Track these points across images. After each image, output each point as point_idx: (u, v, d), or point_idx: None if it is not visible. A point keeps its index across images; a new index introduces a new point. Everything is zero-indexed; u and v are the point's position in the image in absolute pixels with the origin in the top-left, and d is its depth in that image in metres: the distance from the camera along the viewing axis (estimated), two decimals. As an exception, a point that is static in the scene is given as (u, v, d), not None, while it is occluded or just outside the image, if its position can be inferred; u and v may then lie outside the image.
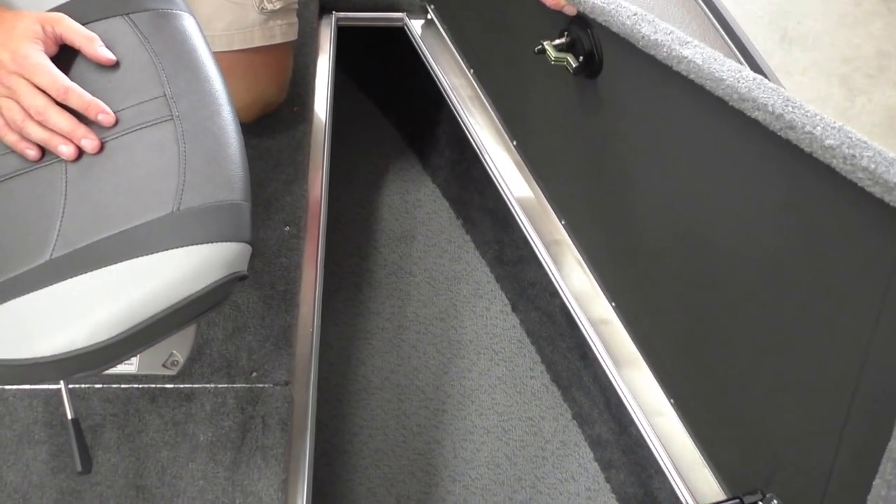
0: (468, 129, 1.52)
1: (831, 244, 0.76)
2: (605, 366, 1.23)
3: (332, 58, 1.62)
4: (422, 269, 1.70)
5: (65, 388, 0.90)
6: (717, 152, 0.89)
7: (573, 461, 1.45)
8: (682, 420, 1.13)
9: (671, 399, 1.15)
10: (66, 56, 0.89)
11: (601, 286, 1.28)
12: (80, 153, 0.85)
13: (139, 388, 1.13)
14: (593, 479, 1.43)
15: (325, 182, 1.44)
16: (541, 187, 1.40)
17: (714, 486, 1.08)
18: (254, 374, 1.15)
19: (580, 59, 1.06)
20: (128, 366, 1.14)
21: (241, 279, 0.83)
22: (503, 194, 1.43)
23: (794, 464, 0.90)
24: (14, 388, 1.12)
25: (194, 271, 0.78)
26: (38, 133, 0.85)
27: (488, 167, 1.47)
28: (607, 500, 1.40)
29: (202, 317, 0.84)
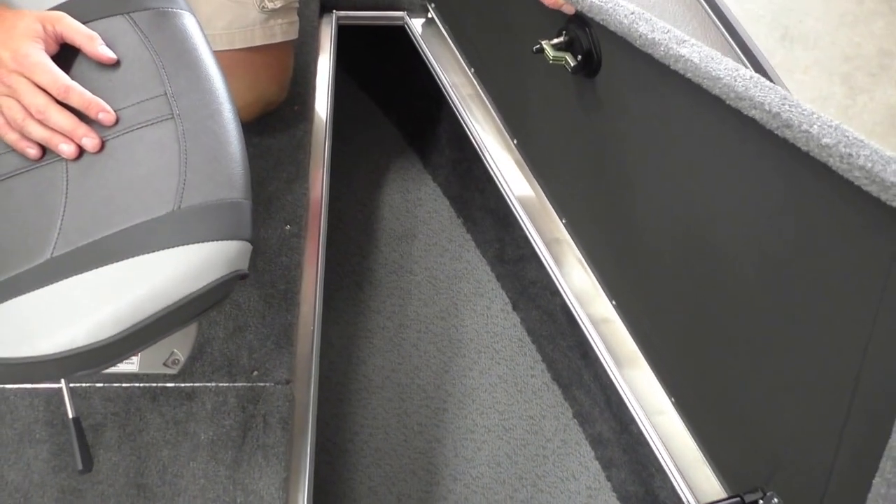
0: (469, 127, 1.52)
1: (829, 243, 0.76)
2: (605, 364, 1.23)
3: (332, 57, 1.62)
4: (423, 267, 1.70)
5: (66, 387, 0.90)
6: (715, 151, 0.89)
7: (574, 460, 1.45)
8: (683, 418, 1.13)
9: (672, 398, 1.15)
10: (67, 55, 0.89)
11: (602, 285, 1.28)
12: (81, 152, 0.85)
13: (140, 386, 1.13)
14: (594, 477, 1.43)
15: (325, 181, 1.44)
16: (541, 186, 1.40)
17: (715, 484, 1.08)
18: (255, 373, 1.15)
19: (578, 58, 1.06)
20: (129, 365, 1.14)
21: (241, 278, 0.83)
22: (504, 193, 1.44)
23: (795, 462, 0.90)
24: (15, 386, 1.12)
25: (195, 269, 0.79)
26: (39, 132, 0.85)
27: (489, 166, 1.47)
28: (608, 498, 1.40)
29: (203, 315, 0.85)
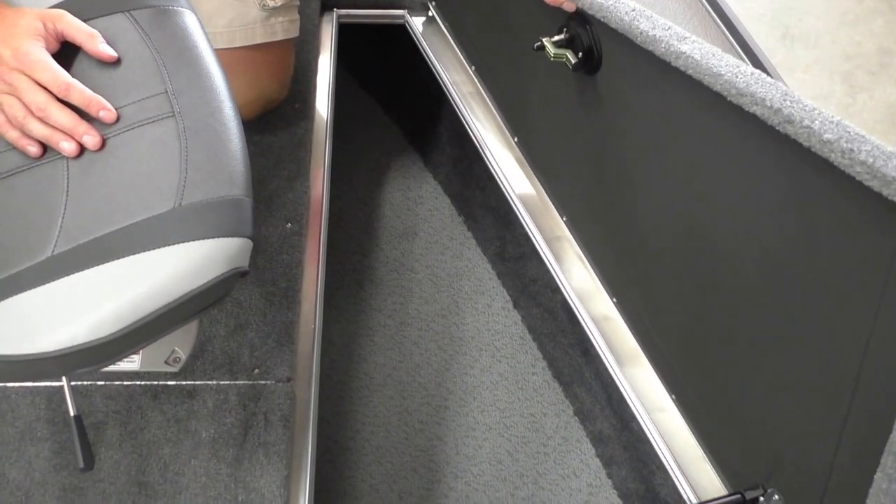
0: (469, 125, 1.52)
1: (830, 239, 0.76)
2: (606, 362, 1.23)
3: (333, 55, 1.62)
4: (423, 265, 1.70)
5: (67, 385, 0.90)
6: (717, 147, 0.89)
7: (575, 457, 1.45)
8: (684, 416, 1.13)
9: (672, 395, 1.15)
10: (68, 53, 0.90)
11: (602, 282, 1.28)
12: (82, 150, 0.85)
13: (141, 384, 1.13)
14: (595, 475, 1.43)
15: (326, 179, 1.44)
16: (542, 184, 1.40)
17: (715, 481, 1.08)
18: (256, 371, 1.15)
19: (579, 55, 1.06)
20: (130, 363, 1.14)
21: (242, 275, 0.83)
22: (504, 191, 1.44)
23: (796, 459, 0.90)
24: (16, 385, 1.12)
25: (196, 267, 0.79)
26: (40, 130, 0.85)
27: (489, 164, 1.47)
28: (609, 496, 1.40)
29: (204, 313, 0.85)
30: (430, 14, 1.69)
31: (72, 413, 0.89)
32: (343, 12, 1.70)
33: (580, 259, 1.32)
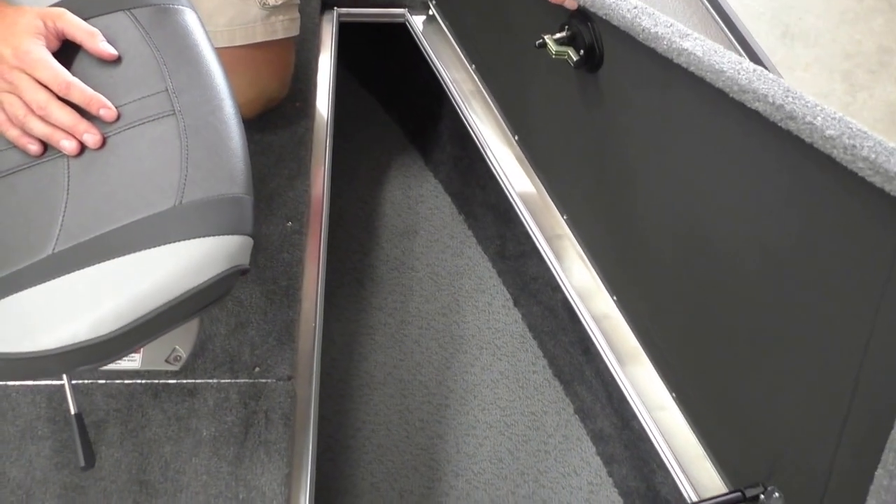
0: (470, 124, 1.52)
1: (831, 235, 0.76)
2: (607, 360, 1.23)
3: (333, 54, 1.62)
4: (424, 264, 1.70)
5: (68, 383, 0.90)
6: (718, 144, 0.89)
7: (575, 455, 1.45)
8: (684, 414, 1.13)
9: (673, 393, 1.15)
10: (68, 51, 0.89)
11: (603, 281, 1.28)
12: (83, 148, 0.85)
13: (142, 383, 1.13)
14: (596, 473, 1.43)
15: (327, 178, 1.44)
16: (542, 182, 1.40)
17: (716, 479, 1.08)
18: (256, 370, 1.15)
19: (581, 52, 1.06)
20: (131, 361, 1.14)
21: (242, 273, 0.83)
22: (505, 189, 1.44)
23: (796, 456, 0.90)
24: (17, 383, 1.12)
25: (196, 264, 0.79)
26: (40, 128, 0.85)
27: (490, 162, 1.47)
28: (609, 494, 1.40)
29: (205, 311, 0.85)
30: (430, 13, 1.69)
31: (72, 411, 0.89)
32: (343, 11, 1.70)
33: (580, 257, 1.32)
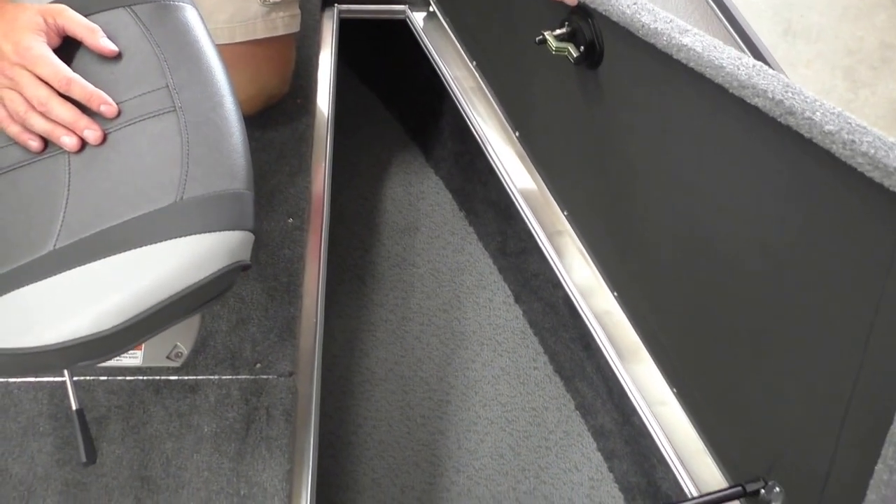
0: (471, 120, 1.52)
1: (831, 230, 0.76)
2: (607, 356, 1.23)
3: (334, 50, 1.62)
4: (425, 260, 1.70)
5: (69, 379, 0.90)
6: (718, 140, 0.89)
7: (576, 451, 1.45)
8: (685, 409, 1.13)
9: (673, 389, 1.15)
10: (69, 48, 0.90)
11: (604, 277, 1.28)
12: (83, 144, 0.85)
13: (144, 379, 1.13)
14: (596, 468, 1.43)
15: (328, 174, 1.44)
16: (543, 178, 1.40)
17: (716, 474, 1.08)
18: (258, 366, 1.16)
19: (581, 48, 1.06)
20: (132, 358, 1.14)
21: (243, 268, 0.84)
22: (506, 186, 1.44)
23: (796, 451, 0.90)
24: (19, 380, 1.12)
25: (197, 260, 0.79)
26: (41, 124, 0.85)
27: (491, 159, 1.47)
28: (610, 489, 1.41)
29: (206, 307, 0.85)
30: (430, 9, 1.69)
31: (74, 407, 0.89)
32: (344, 8, 1.70)
33: (581, 254, 1.32)
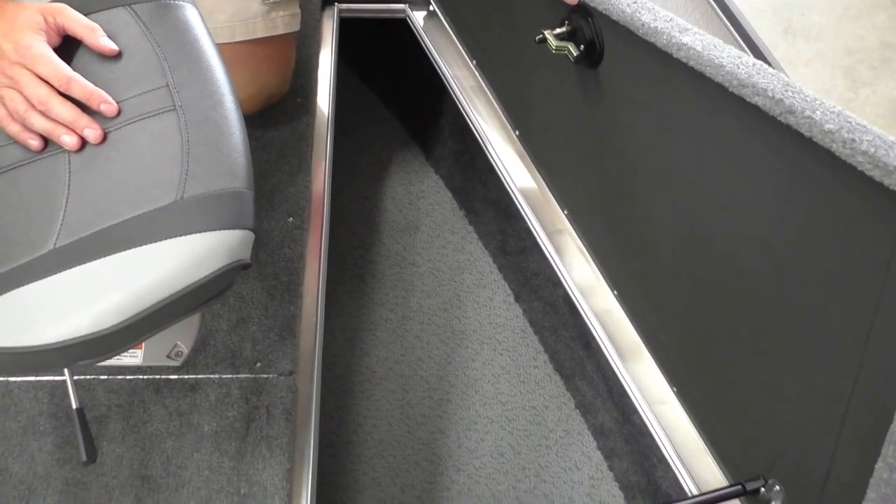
0: (471, 119, 1.52)
1: (831, 229, 0.76)
2: (607, 355, 1.23)
3: (334, 50, 1.62)
4: (425, 259, 1.70)
5: (69, 378, 0.90)
6: (718, 138, 0.89)
7: (577, 450, 1.45)
8: (685, 408, 1.13)
9: (674, 387, 1.15)
10: (69, 47, 0.90)
11: (604, 276, 1.28)
12: (83, 143, 0.85)
13: (144, 378, 1.13)
14: (596, 467, 1.43)
15: (328, 173, 1.44)
16: (543, 177, 1.40)
17: (717, 473, 1.08)
18: (258, 365, 1.16)
19: (581, 47, 1.06)
20: (132, 357, 1.14)
21: (244, 267, 0.84)
22: (506, 185, 1.44)
23: (796, 449, 0.90)
24: (19, 379, 1.12)
25: (198, 259, 0.79)
26: (41, 123, 0.85)
27: (491, 158, 1.47)
28: (610, 488, 1.41)
29: (206, 306, 0.85)
30: (431, 8, 1.69)
31: (74, 406, 0.89)
32: (344, 7, 1.70)
33: (581, 252, 1.32)
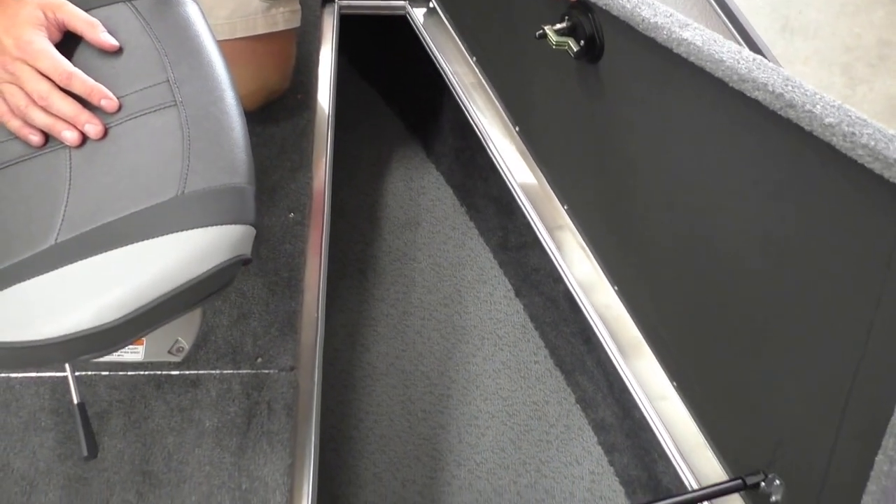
0: (471, 116, 1.52)
1: (832, 222, 0.76)
2: (608, 350, 1.23)
3: (334, 46, 1.62)
4: (426, 255, 1.70)
5: (71, 373, 0.90)
6: (718, 134, 0.89)
7: (577, 445, 1.46)
8: (685, 403, 1.13)
9: (674, 382, 1.15)
10: (69, 43, 0.90)
11: (604, 271, 1.28)
12: (84, 139, 0.85)
13: (145, 374, 1.14)
14: (597, 462, 1.43)
15: (329, 169, 1.44)
16: (544, 173, 1.40)
17: (717, 467, 1.08)
18: (259, 360, 1.16)
19: (581, 43, 1.06)
20: (134, 353, 1.15)
21: (245, 263, 0.83)
22: (506, 181, 1.44)
23: (797, 443, 0.90)
24: (20, 375, 1.12)
25: (199, 254, 0.79)
26: (42, 118, 0.85)
27: (491, 154, 1.47)
28: (611, 483, 1.41)
29: (207, 301, 0.85)
30: (430, 5, 1.69)
31: (75, 401, 0.89)
32: (344, 3, 1.70)
33: (582, 248, 1.32)
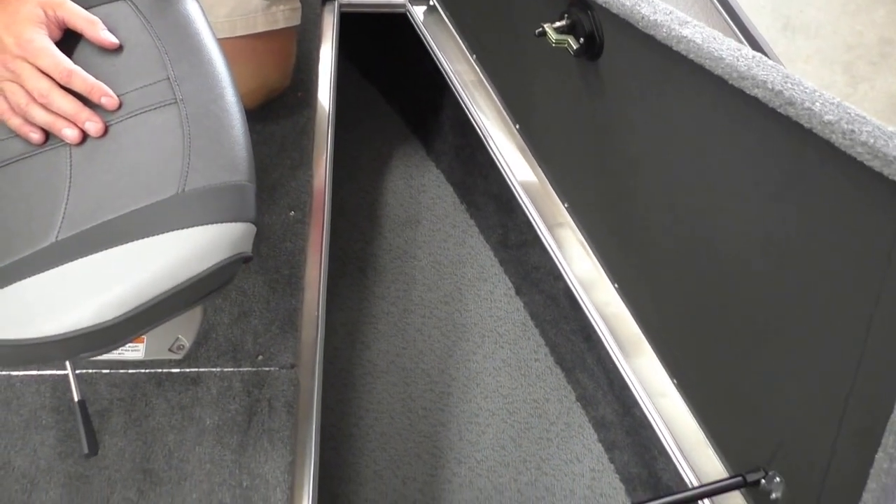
0: (471, 114, 1.52)
1: (831, 220, 0.76)
2: (608, 348, 1.23)
3: (335, 44, 1.62)
4: (426, 253, 1.70)
5: (71, 370, 0.90)
6: (718, 131, 0.89)
7: (577, 442, 1.46)
8: (685, 400, 1.13)
9: (674, 380, 1.15)
10: (70, 40, 0.90)
11: (604, 269, 1.28)
12: (84, 136, 0.85)
13: (145, 372, 1.14)
14: (597, 459, 1.44)
15: (329, 167, 1.44)
16: (544, 171, 1.40)
17: (717, 465, 1.08)
18: (259, 358, 1.16)
19: (581, 41, 1.06)
20: (134, 351, 1.15)
21: (245, 260, 0.84)
22: (507, 178, 1.44)
23: (797, 440, 0.90)
24: (21, 373, 1.12)
25: (199, 251, 0.79)
26: (42, 116, 0.85)
27: (492, 152, 1.47)
28: (611, 480, 1.41)
29: (208, 299, 0.85)
30: (431, 3, 1.69)
31: (76, 398, 0.89)
32: (344, 1, 1.70)
33: (582, 246, 1.32)
